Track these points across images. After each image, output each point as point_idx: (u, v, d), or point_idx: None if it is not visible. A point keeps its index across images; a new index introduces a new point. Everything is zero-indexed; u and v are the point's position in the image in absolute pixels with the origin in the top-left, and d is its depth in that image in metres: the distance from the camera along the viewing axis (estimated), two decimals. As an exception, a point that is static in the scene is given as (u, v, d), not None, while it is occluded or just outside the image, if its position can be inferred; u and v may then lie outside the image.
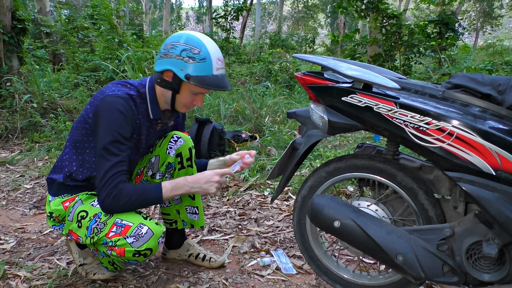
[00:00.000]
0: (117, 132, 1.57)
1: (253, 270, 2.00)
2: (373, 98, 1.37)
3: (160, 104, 1.74)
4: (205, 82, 1.60)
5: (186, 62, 1.59)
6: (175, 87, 1.65)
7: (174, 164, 1.85)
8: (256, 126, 4.53)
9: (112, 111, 1.58)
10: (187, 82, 1.61)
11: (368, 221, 1.44)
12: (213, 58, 1.61)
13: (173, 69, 1.61)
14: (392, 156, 1.55)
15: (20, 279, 1.93)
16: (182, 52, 1.59)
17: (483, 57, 11.31)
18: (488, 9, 27.42)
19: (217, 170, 1.66)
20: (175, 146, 1.83)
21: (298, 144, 1.62)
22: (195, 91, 1.66)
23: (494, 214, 1.23)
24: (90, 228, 1.62)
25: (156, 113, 1.74)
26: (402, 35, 6.84)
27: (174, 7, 34.31)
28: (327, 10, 31.55)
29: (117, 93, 1.62)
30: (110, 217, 1.61)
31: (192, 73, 1.59)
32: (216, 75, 1.63)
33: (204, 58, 1.59)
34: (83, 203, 1.69)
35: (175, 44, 1.61)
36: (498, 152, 1.21)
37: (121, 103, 1.59)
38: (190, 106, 1.74)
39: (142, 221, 1.59)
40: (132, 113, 1.63)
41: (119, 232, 1.57)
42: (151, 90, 1.72)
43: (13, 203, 3.02)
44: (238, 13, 10.59)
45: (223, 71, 1.67)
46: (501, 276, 1.31)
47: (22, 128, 4.80)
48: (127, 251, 1.56)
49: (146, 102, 1.72)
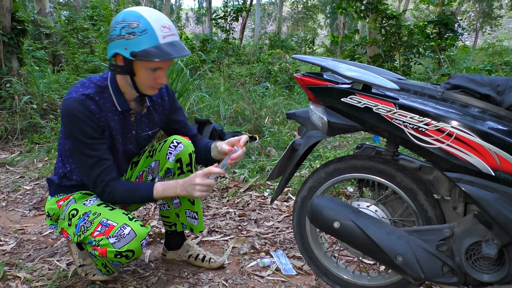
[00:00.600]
0: (81, 135, 1.54)
1: (253, 271, 2.00)
2: (373, 99, 1.37)
3: (126, 93, 1.65)
4: (153, 54, 1.47)
5: (127, 39, 1.47)
6: (129, 70, 1.54)
7: (174, 169, 1.81)
8: (255, 127, 4.53)
9: (68, 117, 1.53)
10: (136, 60, 1.50)
11: (368, 222, 1.44)
12: (155, 27, 1.48)
13: (119, 51, 1.50)
14: (392, 157, 1.55)
15: (20, 280, 1.93)
16: (122, 30, 1.48)
17: (482, 58, 11.32)
18: (487, 9, 27.45)
19: (199, 172, 1.57)
20: (174, 151, 1.78)
21: (298, 145, 1.62)
22: (149, 67, 1.53)
23: (493, 215, 1.23)
24: (78, 226, 1.62)
25: (123, 104, 1.65)
26: (401, 36, 6.85)
27: (173, 8, 34.32)
28: (327, 11, 31.57)
29: (72, 95, 1.55)
30: (97, 216, 1.60)
31: (137, 49, 1.47)
32: (164, 43, 1.49)
33: (144, 29, 1.47)
34: (76, 202, 1.70)
35: (115, 25, 1.51)
36: (497, 153, 1.21)
37: (76, 107, 1.52)
38: (155, 85, 1.61)
39: (127, 222, 1.57)
40: (91, 114, 1.55)
41: (103, 232, 1.55)
42: (113, 82, 1.63)
43: (13, 204, 3.02)
44: (238, 14, 10.61)
45: (174, 38, 1.53)
46: (501, 276, 1.31)
47: (22, 129, 4.80)
48: (109, 252, 1.54)
49: (110, 95, 1.63)
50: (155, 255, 2.16)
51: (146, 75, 1.55)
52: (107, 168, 1.59)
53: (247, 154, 3.77)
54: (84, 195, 1.73)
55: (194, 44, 11.44)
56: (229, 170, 3.50)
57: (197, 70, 6.80)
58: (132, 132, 1.74)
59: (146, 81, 1.57)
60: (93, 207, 1.65)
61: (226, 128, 4.42)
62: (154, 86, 1.61)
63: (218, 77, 7.10)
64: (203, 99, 5.05)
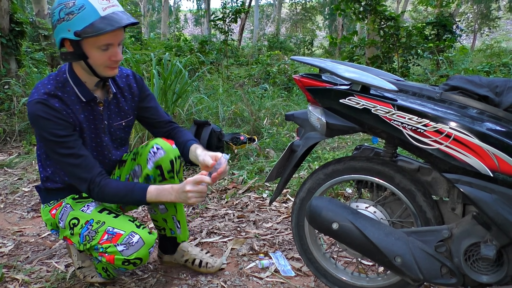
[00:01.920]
0: (51, 135, 1.50)
1: (251, 273, 1.99)
2: (371, 100, 1.37)
3: (86, 82, 1.59)
4: (96, 28, 1.39)
5: (68, 21, 1.41)
6: (80, 53, 1.47)
7: (153, 176, 1.74)
8: (254, 128, 4.53)
9: (35, 119, 1.49)
10: (84, 40, 1.43)
11: (367, 223, 1.44)
12: (92, 1, 1.41)
13: (63, 36, 1.44)
14: (390, 158, 1.55)
15: (18, 283, 1.92)
16: (60, 13, 1.42)
17: (480, 59, 11.34)
18: (485, 11, 27.53)
19: (189, 179, 1.54)
20: (154, 158, 1.71)
21: (296, 146, 1.62)
22: (99, 45, 1.45)
23: (491, 216, 1.23)
24: (82, 235, 1.62)
25: (87, 94, 1.59)
26: (400, 37, 6.85)
27: (172, 10, 34.35)
28: (325, 12, 31.62)
29: (34, 97, 1.50)
30: (101, 225, 1.59)
31: (79, 28, 1.40)
32: (105, 15, 1.42)
33: (81, 5, 1.40)
34: (73, 209, 1.67)
35: (53, 11, 1.45)
36: (495, 154, 1.21)
37: (39, 108, 1.48)
38: (112, 64, 1.53)
39: (134, 230, 1.57)
40: (56, 112, 1.50)
41: (110, 239, 1.55)
42: (71, 73, 1.57)
43: (11, 206, 3.01)
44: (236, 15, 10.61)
45: (116, 8, 1.46)
46: (499, 277, 1.31)
47: (20, 131, 4.79)
48: (117, 259, 1.54)
49: (72, 88, 1.57)
50: (153, 257, 2.16)
51: (98, 55, 1.48)
52: (87, 165, 1.54)
53: (246, 156, 3.77)
54: (77, 200, 1.70)
55: (193, 45, 11.45)
56: (228, 172, 3.49)
57: (195, 72, 6.81)
58: (104, 122, 1.68)
59: (100, 60, 1.50)
60: (94, 215, 1.63)
61: (225, 130, 4.42)
62: (111, 65, 1.53)
63: (217, 79, 7.10)
64: (202, 101, 5.05)
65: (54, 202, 1.72)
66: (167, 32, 21.17)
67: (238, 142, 3.95)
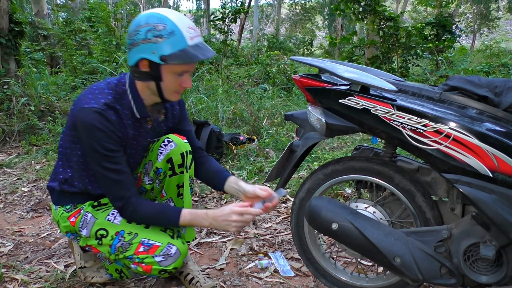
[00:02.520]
0: (102, 147, 1.48)
1: (251, 273, 1.99)
2: (371, 100, 1.37)
3: (144, 99, 1.58)
4: (183, 57, 1.41)
5: (155, 43, 1.40)
6: (156, 75, 1.47)
7: (163, 169, 1.72)
8: (254, 128, 4.53)
9: (89, 128, 1.46)
10: (165, 64, 1.43)
11: (366, 223, 1.44)
12: (182, 28, 1.42)
13: (145, 56, 1.43)
14: (390, 158, 1.55)
15: (18, 283, 1.92)
16: (147, 33, 1.40)
17: (480, 59, 11.35)
18: (485, 11, 27.55)
19: (235, 208, 1.54)
20: (164, 151, 1.69)
21: (296, 146, 1.62)
22: (178, 71, 1.47)
23: (491, 216, 1.23)
24: (113, 246, 1.61)
25: (142, 111, 1.59)
26: (399, 37, 6.86)
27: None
28: (325, 13, 31.62)
29: (92, 105, 1.47)
30: (135, 237, 1.60)
31: (166, 52, 1.40)
32: (193, 45, 1.43)
33: (172, 31, 1.40)
34: (97, 218, 1.65)
35: (138, 28, 1.42)
36: (495, 154, 1.22)
37: (97, 118, 1.46)
38: (180, 90, 1.55)
39: (170, 241, 1.60)
40: (111, 124, 1.49)
41: (147, 251, 1.57)
42: (132, 87, 1.56)
43: (11, 206, 3.01)
44: (236, 16, 10.61)
45: (200, 39, 1.48)
46: (499, 278, 1.31)
47: (20, 131, 4.78)
48: (154, 269, 1.57)
49: (129, 102, 1.56)
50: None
51: (172, 80, 1.49)
52: (127, 183, 1.54)
53: (245, 156, 3.77)
54: (97, 208, 1.68)
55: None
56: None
57: (195, 72, 6.80)
58: (147, 140, 1.70)
59: (172, 85, 1.51)
60: (124, 226, 1.62)
61: (224, 130, 4.41)
62: (179, 91, 1.55)
63: (216, 79, 7.10)
64: (201, 101, 5.05)
65: (71, 208, 1.68)
66: (167, 32, 21.10)
67: (238, 142, 3.95)
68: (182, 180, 1.75)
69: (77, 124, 1.50)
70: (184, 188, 1.76)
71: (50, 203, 2.98)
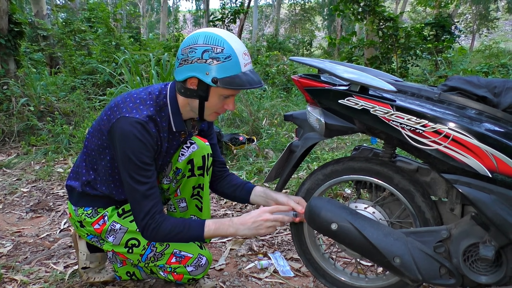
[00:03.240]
0: (138, 159, 1.46)
1: (250, 273, 1.99)
2: (370, 101, 1.37)
3: (183, 114, 1.59)
4: (235, 82, 1.42)
5: (210, 64, 1.40)
6: (203, 95, 1.47)
7: (183, 170, 1.73)
8: (253, 128, 4.53)
9: (130, 137, 1.45)
10: (216, 87, 1.44)
11: (365, 224, 1.44)
12: (238, 54, 1.43)
13: (197, 75, 1.43)
14: (389, 159, 1.55)
15: (17, 283, 1.92)
16: (204, 53, 1.40)
17: (479, 60, 11.36)
18: (484, 11, 27.58)
19: (265, 208, 1.56)
20: (187, 152, 1.71)
21: (295, 146, 1.62)
22: (225, 94, 1.48)
23: (490, 216, 1.23)
24: (145, 256, 1.65)
25: (179, 125, 1.59)
26: (398, 38, 6.87)
27: (171, 10, 34.35)
28: (324, 13, 31.65)
29: (134, 116, 1.46)
30: (167, 248, 1.64)
31: (220, 76, 1.41)
32: (245, 72, 1.45)
33: (229, 56, 1.41)
34: (127, 227, 1.65)
35: (194, 46, 1.42)
36: (494, 154, 1.22)
37: (138, 129, 1.45)
38: (221, 112, 1.57)
39: (200, 252, 1.66)
40: (151, 138, 1.49)
41: (179, 261, 1.64)
42: (173, 101, 1.55)
43: (10, 206, 3.01)
44: (235, 16, 10.62)
45: (251, 66, 1.50)
46: (498, 278, 1.31)
47: (19, 132, 4.78)
48: (185, 278, 1.68)
49: (168, 115, 1.56)
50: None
51: (217, 102, 1.50)
52: (154, 198, 1.52)
53: (245, 156, 3.77)
54: (123, 216, 1.67)
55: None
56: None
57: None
58: (176, 151, 1.71)
59: (215, 106, 1.52)
60: None
61: (224, 130, 4.42)
62: (220, 112, 1.56)
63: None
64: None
65: (92, 213, 1.67)
66: (166, 33, 21.16)
67: (237, 142, 3.95)
68: (200, 182, 1.77)
69: (115, 132, 1.48)
70: (203, 190, 1.79)
71: (49, 204, 2.98)
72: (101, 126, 1.56)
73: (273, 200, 1.68)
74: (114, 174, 1.62)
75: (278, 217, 1.56)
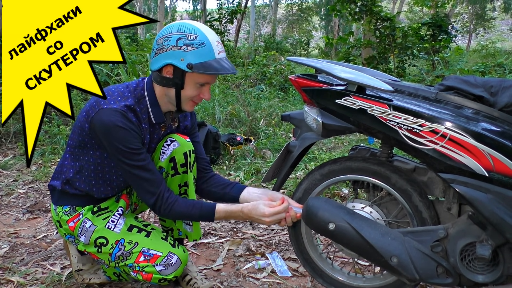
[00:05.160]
0: (126, 146, 1.49)
1: (248, 273, 1.99)
2: (367, 101, 1.38)
3: (161, 105, 1.61)
4: (210, 67, 1.46)
5: (184, 50, 1.45)
6: (179, 82, 1.51)
7: (166, 169, 1.71)
8: (251, 129, 4.53)
9: (111, 128, 1.47)
10: (191, 73, 1.47)
11: (363, 223, 1.44)
12: (212, 41, 1.48)
13: (172, 62, 1.47)
14: (386, 158, 1.55)
15: (14, 285, 1.91)
16: (178, 41, 1.45)
17: (476, 59, 11.39)
18: (480, 11, 27.65)
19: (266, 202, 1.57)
20: (168, 150, 1.69)
21: (293, 146, 1.62)
22: (200, 81, 1.51)
23: (487, 216, 1.24)
24: (113, 255, 1.63)
25: (158, 116, 1.62)
26: (395, 38, 6.89)
27: (168, 11, 34.30)
28: (321, 13, 31.65)
29: (113, 106, 1.49)
30: (135, 246, 1.61)
31: (194, 61, 1.45)
32: (219, 58, 1.49)
33: (202, 42, 1.46)
34: (96, 225, 1.65)
35: (168, 35, 1.47)
36: (490, 154, 1.22)
37: (119, 118, 1.48)
38: (197, 101, 1.60)
39: (171, 250, 1.61)
40: (133, 125, 1.51)
41: (148, 260, 1.59)
42: (150, 92, 1.59)
43: (6, 208, 3.00)
44: (233, 16, 10.63)
45: (224, 54, 1.55)
46: (495, 277, 1.31)
47: (16, 133, 4.76)
48: (154, 278, 1.60)
49: (147, 106, 1.59)
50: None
51: (193, 89, 1.53)
52: (155, 180, 1.55)
53: (242, 156, 3.77)
54: (96, 214, 1.67)
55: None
56: (225, 172, 3.49)
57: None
58: (156, 145, 1.71)
59: (191, 94, 1.54)
60: (125, 234, 1.64)
61: (221, 131, 4.41)
62: (196, 101, 1.60)
63: (213, 79, 7.09)
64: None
65: (69, 211, 1.67)
66: (163, 33, 21.07)
67: (235, 142, 3.95)
68: (185, 179, 1.74)
69: (95, 125, 1.50)
70: (188, 188, 1.75)
71: (46, 205, 2.97)
72: (81, 122, 1.58)
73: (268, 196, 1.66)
74: (97, 171, 1.64)
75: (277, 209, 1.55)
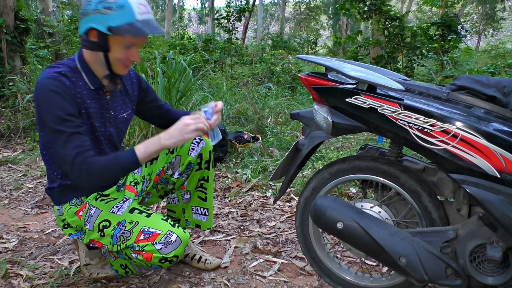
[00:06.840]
0: (59, 110, 1.46)
1: (255, 271, 1.99)
2: (377, 100, 1.37)
3: (96, 72, 1.61)
4: (130, 30, 1.47)
5: (104, 13, 1.45)
6: (103, 45, 1.51)
7: (194, 164, 1.89)
8: (258, 127, 4.52)
9: (45, 94, 1.46)
10: (113, 35, 1.48)
11: (371, 223, 1.44)
12: (132, 3, 1.48)
13: (94, 26, 1.47)
14: (396, 158, 1.54)
15: (22, 278, 1.93)
16: (98, 4, 1.46)
17: (485, 60, 11.30)
18: (490, 12, 27.40)
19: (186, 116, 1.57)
20: (197, 147, 1.88)
21: (301, 145, 1.62)
22: (125, 43, 1.52)
23: (498, 217, 1.22)
24: (115, 236, 1.62)
25: (96, 82, 1.60)
26: (404, 37, 6.83)
27: (176, 8, 34.32)
28: (329, 12, 31.55)
29: (45, 75, 1.50)
30: (135, 225, 1.60)
31: (114, 24, 1.45)
32: (141, 20, 1.49)
33: (121, 5, 1.46)
34: (101, 210, 1.66)
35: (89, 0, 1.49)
36: (502, 154, 1.21)
37: (51, 82, 1.47)
38: (128, 63, 1.59)
39: (171, 229, 1.60)
40: (67, 89, 1.49)
41: (147, 238, 1.58)
42: (81, 59, 1.59)
43: (15, 202, 3.02)
44: (240, 14, 10.62)
45: (150, 16, 1.53)
46: (505, 279, 1.30)
47: (25, 128, 4.80)
48: (154, 257, 1.57)
49: (81, 74, 1.58)
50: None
51: (120, 51, 1.54)
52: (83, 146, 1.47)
53: (249, 154, 3.77)
54: (100, 199, 1.69)
55: (197, 44, 11.43)
56: (232, 170, 3.49)
57: (199, 70, 6.80)
58: (110, 113, 1.68)
59: (119, 56, 1.55)
60: (126, 216, 1.64)
61: (229, 128, 4.41)
62: (127, 63, 1.59)
63: (221, 77, 7.10)
64: (206, 99, 5.05)
65: (76, 201, 1.69)
66: (171, 31, 21.17)
67: (242, 140, 3.95)
68: (205, 174, 1.94)
69: (35, 99, 1.50)
70: (208, 182, 1.96)
71: (54, 200, 2.99)
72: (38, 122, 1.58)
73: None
74: None
75: (196, 116, 1.56)
